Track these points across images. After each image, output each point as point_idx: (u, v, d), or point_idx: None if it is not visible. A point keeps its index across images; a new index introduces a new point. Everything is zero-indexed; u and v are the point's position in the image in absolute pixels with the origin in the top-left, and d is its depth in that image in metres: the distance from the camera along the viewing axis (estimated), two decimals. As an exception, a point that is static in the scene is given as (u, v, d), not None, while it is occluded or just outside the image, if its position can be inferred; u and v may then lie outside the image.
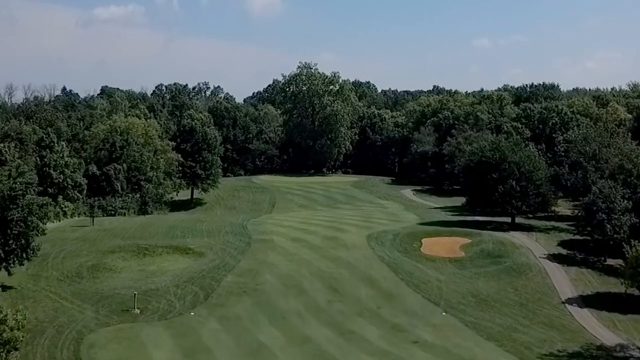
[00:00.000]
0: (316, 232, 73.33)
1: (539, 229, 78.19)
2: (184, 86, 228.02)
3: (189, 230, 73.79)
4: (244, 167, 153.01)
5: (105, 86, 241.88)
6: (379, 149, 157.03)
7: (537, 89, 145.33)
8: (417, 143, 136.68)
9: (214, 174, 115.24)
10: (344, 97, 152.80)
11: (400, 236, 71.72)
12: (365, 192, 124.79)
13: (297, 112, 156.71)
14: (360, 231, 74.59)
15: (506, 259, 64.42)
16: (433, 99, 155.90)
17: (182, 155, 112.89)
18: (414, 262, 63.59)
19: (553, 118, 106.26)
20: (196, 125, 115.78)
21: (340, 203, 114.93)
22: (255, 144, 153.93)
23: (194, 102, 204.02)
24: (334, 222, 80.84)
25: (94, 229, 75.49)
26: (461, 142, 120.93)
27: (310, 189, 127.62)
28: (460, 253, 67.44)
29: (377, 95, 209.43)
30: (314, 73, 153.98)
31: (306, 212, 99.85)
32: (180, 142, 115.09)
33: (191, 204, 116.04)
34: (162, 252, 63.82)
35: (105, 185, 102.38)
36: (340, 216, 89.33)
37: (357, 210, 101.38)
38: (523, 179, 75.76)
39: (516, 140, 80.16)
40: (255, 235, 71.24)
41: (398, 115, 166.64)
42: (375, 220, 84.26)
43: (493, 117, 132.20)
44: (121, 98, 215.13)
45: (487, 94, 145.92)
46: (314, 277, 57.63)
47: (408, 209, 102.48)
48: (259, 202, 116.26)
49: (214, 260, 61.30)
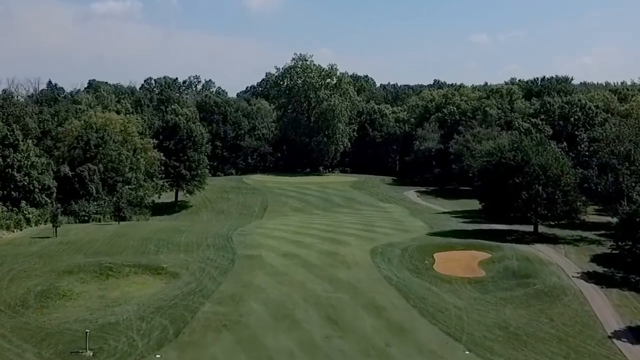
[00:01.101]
0: (312, 245, 63.52)
1: (565, 240, 68.64)
2: (173, 80, 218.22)
3: (165, 244, 63.91)
4: (235, 165, 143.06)
5: (93, 80, 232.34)
6: (379, 146, 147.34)
7: (549, 82, 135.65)
8: (421, 140, 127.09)
9: (200, 174, 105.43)
10: (341, 91, 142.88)
11: (410, 251, 61.95)
12: (365, 194, 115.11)
13: (291, 107, 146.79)
14: (363, 244, 64.84)
15: (535, 280, 54.70)
16: (437, 93, 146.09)
17: (164, 154, 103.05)
18: (427, 283, 53.84)
19: (576, 113, 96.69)
20: (180, 121, 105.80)
21: (338, 206, 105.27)
22: (247, 140, 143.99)
23: (183, 97, 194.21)
24: (332, 232, 71.08)
25: (55, 242, 65.60)
26: (469, 139, 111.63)
27: (305, 190, 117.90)
28: (480, 272, 57.73)
29: (376, 90, 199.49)
30: (309, 65, 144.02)
31: (301, 218, 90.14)
32: (162, 140, 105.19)
33: (175, 207, 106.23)
34: (129, 272, 53.90)
35: (79, 187, 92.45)
36: (339, 223, 79.59)
37: (357, 216, 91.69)
38: (549, 184, 66.12)
39: (539, 139, 70.39)
40: (241, 249, 61.38)
41: (399, 111, 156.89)
42: (378, 229, 74.52)
43: (503, 113, 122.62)
44: (107, 92, 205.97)
45: (496, 88, 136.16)
46: (308, 305, 47.80)
47: (413, 214, 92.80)
48: (250, 205, 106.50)
49: (190, 284, 51.43)
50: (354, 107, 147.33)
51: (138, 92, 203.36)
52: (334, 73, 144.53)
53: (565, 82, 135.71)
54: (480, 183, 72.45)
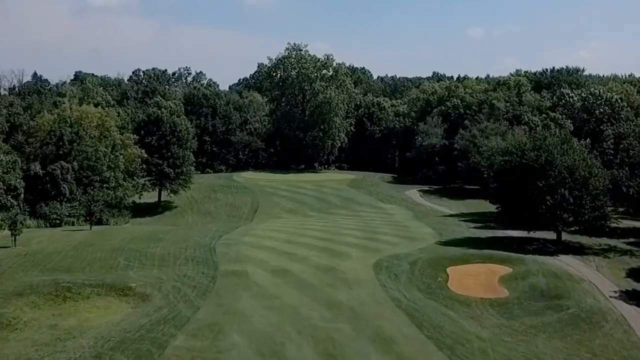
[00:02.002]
0: (306, 258, 55.28)
1: (593, 251, 60.75)
2: (162, 71, 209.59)
3: (137, 256, 55.58)
4: (225, 162, 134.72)
5: (79, 72, 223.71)
6: (378, 141, 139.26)
7: (559, 74, 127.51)
8: (423, 135, 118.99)
9: (185, 172, 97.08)
10: (338, 82, 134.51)
11: (419, 264, 53.79)
12: (363, 193, 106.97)
13: (285, 99, 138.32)
14: (365, 255, 56.68)
15: (567, 301, 46.69)
16: (439, 86, 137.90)
17: (146, 150, 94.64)
18: (442, 307, 45.74)
19: (600, 107, 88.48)
20: (163, 114, 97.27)
21: (335, 207, 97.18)
22: (238, 135, 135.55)
23: (172, 89, 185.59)
24: (329, 240, 62.89)
25: (11, 254, 57.21)
26: (476, 134, 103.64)
27: (299, 189, 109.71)
28: (502, 290, 49.68)
29: (373, 82, 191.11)
30: (304, 56, 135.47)
31: (294, 222, 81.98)
32: (144, 135, 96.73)
33: (158, 208, 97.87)
34: (91, 293, 45.58)
35: (50, 187, 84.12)
36: (337, 229, 71.44)
37: (356, 219, 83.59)
38: (577, 188, 58.09)
39: (564, 137, 62.28)
40: (225, 263, 53.09)
41: (399, 104, 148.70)
42: (381, 236, 66.35)
43: (511, 106, 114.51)
44: (93, 84, 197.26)
45: (503, 80, 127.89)
46: (302, 338, 39.61)
47: (418, 216, 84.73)
48: (239, 206, 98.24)
49: (162, 309, 43.15)
50: (351, 100, 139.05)
51: (125, 84, 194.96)
52: (330, 64, 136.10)
53: (576, 73, 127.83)
54: (497, 185, 64.32)
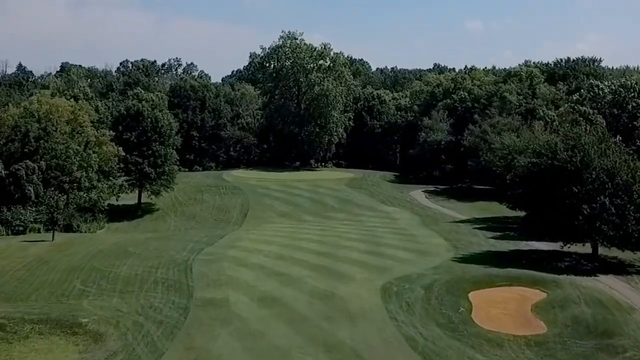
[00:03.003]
0: (300, 280, 46.28)
1: (636, 269, 51.97)
2: (152, 62, 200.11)
3: (97, 278, 46.56)
4: (214, 158, 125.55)
5: (66, 63, 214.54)
6: (378, 137, 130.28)
7: (575, 64, 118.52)
8: (427, 131, 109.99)
9: (167, 172, 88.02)
10: (336, 73, 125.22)
11: (436, 289, 44.77)
12: (364, 194, 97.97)
13: (279, 92, 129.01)
14: (370, 277, 47.66)
15: (621, 340, 37.74)
16: (444, 77, 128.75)
17: (124, 147, 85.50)
18: (467, 348, 36.74)
19: (634, 100, 79.58)
20: (144, 108, 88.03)
21: (332, 210, 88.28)
22: (229, 130, 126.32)
23: (162, 81, 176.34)
24: (328, 256, 53.89)
25: (-53, 275, 48.20)
26: (487, 130, 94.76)
27: (294, 189, 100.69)
28: (538, 324, 40.75)
29: (373, 74, 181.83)
30: (299, 45, 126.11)
31: (288, 228, 73.08)
32: (122, 131, 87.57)
33: (138, 211, 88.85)
34: (31, 331, 36.56)
35: (14, 190, 75.05)
36: (336, 239, 62.47)
37: (357, 225, 74.74)
38: (618, 195, 49.27)
39: (602, 135, 53.30)
40: (202, 289, 44.03)
41: (400, 97, 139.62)
42: (387, 249, 57.33)
43: (524, 99, 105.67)
44: (78, 76, 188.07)
45: (514, 71, 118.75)
46: (294, 396, 30.76)
47: (426, 222, 75.86)
48: (228, 208, 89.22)
49: (116, 354, 34.12)
50: (349, 93, 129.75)
51: (112, 75, 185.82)
52: (328, 54, 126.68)
53: (594, 63, 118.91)
54: (522, 191, 55.36)
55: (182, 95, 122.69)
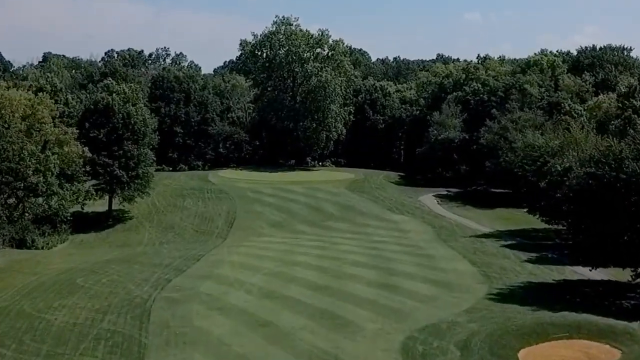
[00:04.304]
0: (292, 333, 34.57)
1: None
2: (138, 52, 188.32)
3: (19, 332, 34.75)
4: (201, 157, 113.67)
5: (48, 53, 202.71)
6: (381, 133, 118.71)
7: (603, 53, 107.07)
8: (438, 127, 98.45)
9: (142, 175, 76.41)
10: (335, 63, 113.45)
11: (475, 348, 33.02)
12: (367, 199, 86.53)
13: (272, 83, 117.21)
14: (385, 326, 36.00)
15: None
16: (454, 67, 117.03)
17: (91, 147, 73.89)
18: None
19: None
20: (114, 101, 76.23)
21: (332, 219, 77.05)
22: (218, 125, 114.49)
23: (146, 71, 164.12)
24: (329, 291, 42.36)
25: None
26: (508, 127, 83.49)
27: (288, 193, 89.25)
28: (622, 404, 29.53)
29: (374, 65, 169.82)
30: (294, 31, 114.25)
31: (280, 246, 61.69)
32: (89, 128, 75.88)
33: (109, 220, 77.25)
34: None
35: (-44, 198, 63.57)
36: (338, 263, 50.93)
37: (362, 240, 63.50)
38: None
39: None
40: (157, 350, 32.27)
41: (405, 89, 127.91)
42: (403, 280, 45.71)
43: (546, 92, 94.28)
44: (58, 66, 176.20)
45: (534, 60, 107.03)
46: None
47: (442, 236, 64.61)
48: (212, 217, 77.82)
49: None
50: (349, 85, 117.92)
51: (98, 66, 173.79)
52: (326, 41, 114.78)
53: (623, 52, 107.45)
54: (574, 209, 43.85)
55: (165, 87, 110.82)
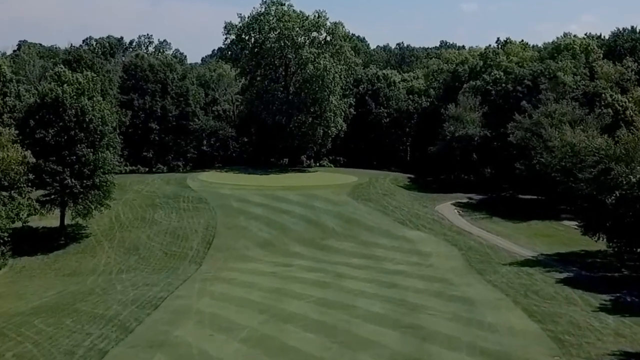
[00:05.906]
0: None
1: None
2: (118, 39, 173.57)
3: None
4: (182, 155, 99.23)
5: (24, 41, 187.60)
6: (386, 128, 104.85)
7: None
8: (454, 122, 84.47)
9: (99, 184, 62.19)
10: (334, 48, 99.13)
11: None
12: (374, 210, 72.58)
13: (261, 72, 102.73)
14: None
15: None
16: (469, 53, 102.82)
17: (37, 151, 59.52)
18: None
19: None
20: (65, 94, 61.83)
21: (333, 236, 63.34)
22: (201, 120, 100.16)
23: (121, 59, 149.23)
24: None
25: None
26: (542, 122, 70.03)
27: (281, 202, 75.14)
28: None
29: (375, 52, 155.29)
30: (287, 12, 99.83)
31: (269, 277, 47.74)
32: (34, 128, 61.46)
33: (60, 239, 63.08)
34: None
35: None
36: (346, 315, 37.14)
37: (372, 267, 49.85)
38: None
39: None
40: None
41: (412, 78, 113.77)
42: (437, 343, 32.02)
43: (582, 80, 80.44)
44: (30, 55, 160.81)
45: (565, 44, 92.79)
46: None
47: (473, 263, 50.96)
48: (186, 234, 63.79)
49: None
50: (350, 73, 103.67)
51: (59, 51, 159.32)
52: (323, 23, 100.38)
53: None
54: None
55: (138, 77, 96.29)
